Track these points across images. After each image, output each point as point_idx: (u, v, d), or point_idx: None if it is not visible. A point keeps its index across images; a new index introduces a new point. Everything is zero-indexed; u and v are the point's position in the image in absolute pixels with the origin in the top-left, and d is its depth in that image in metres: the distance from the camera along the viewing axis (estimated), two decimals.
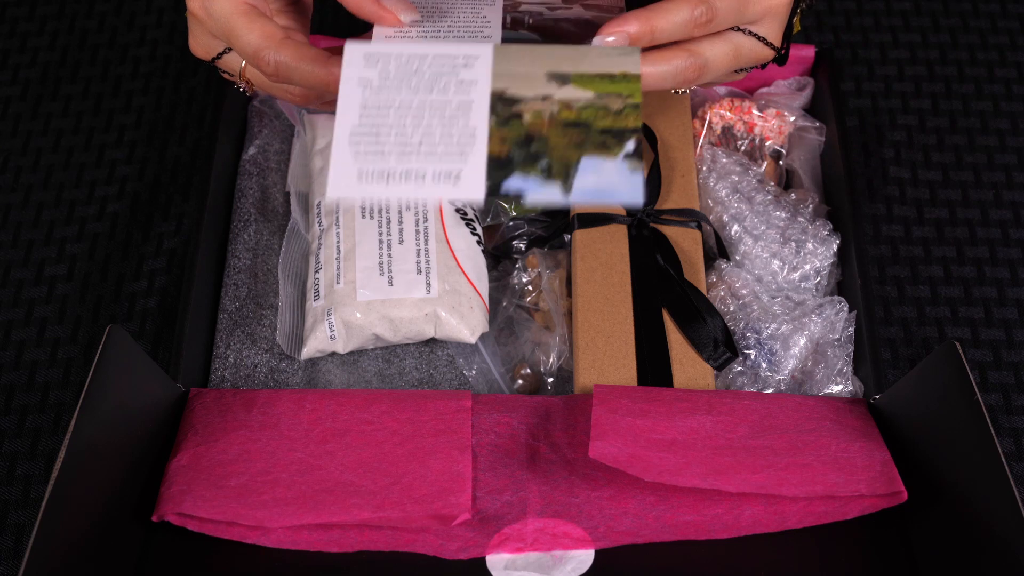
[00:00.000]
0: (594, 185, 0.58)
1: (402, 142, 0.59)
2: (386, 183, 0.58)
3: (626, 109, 0.60)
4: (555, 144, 0.59)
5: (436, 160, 0.58)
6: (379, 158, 0.58)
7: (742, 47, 0.65)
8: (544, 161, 0.58)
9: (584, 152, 0.59)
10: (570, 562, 0.64)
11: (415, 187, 0.58)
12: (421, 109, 0.59)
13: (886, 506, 0.65)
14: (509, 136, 0.59)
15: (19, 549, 0.71)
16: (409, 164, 0.58)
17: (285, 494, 0.65)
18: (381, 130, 0.59)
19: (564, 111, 0.59)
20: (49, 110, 0.90)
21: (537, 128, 0.59)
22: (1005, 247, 0.83)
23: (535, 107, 0.59)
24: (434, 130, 0.59)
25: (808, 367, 0.74)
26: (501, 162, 0.58)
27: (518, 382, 0.74)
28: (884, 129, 0.89)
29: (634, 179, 0.58)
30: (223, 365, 0.74)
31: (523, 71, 0.60)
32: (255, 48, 0.62)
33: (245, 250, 0.79)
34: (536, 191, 0.58)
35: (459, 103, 0.59)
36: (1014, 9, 0.95)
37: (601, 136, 0.59)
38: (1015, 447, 0.75)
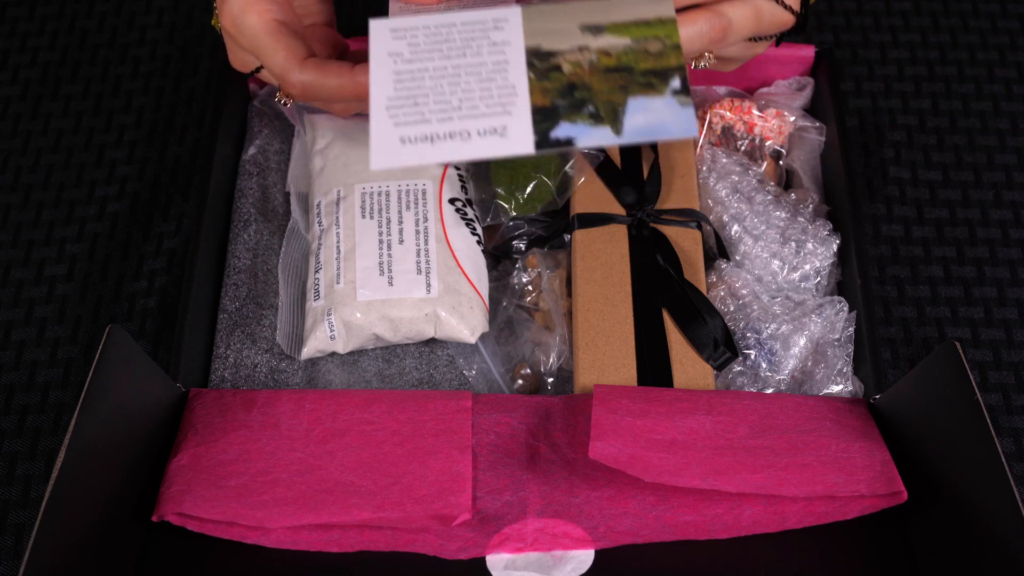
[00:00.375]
0: (645, 123, 0.58)
1: (442, 105, 0.58)
2: (431, 145, 0.57)
3: (667, 50, 0.59)
4: (599, 89, 0.58)
5: (479, 118, 0.57)
6: (420, 123, 0.57)
7: (763, 9, 0.66)
8: (590, 106, 0.58)
9: (630, 93, 0.58)
10: (570, 562, 0.65)
11: (462, 146, 0.57)
12: (456, 73, 0.58)
13: (886, 506, 0.65)
14: (551, 87, 0.58)
15: (19, 549, 0.71)
16: (452, 125, 0.57)
17: (285, 494, 0.65)
18: (418, 97, 0.58)
19: (603, 58, 0.59)
20: (49, 110, 0.90)
21: (578, 76, 0.58)
22: (1005, 247, 0.83)
23: (573, 57, 0.59)
24: (473, 90, 0.58)
25: (808, 367, 0.74)
26: (546, 112, 0.58)
27: (518, 382, 0.74)
28: (884, 129, 0.89)
29: (686, 113, 0.57)
30: (223, 365, 0.74)
31: (555, 27, 0.59)
32: (280, 69, 0.63)
33: (245, 250, 0.79)
34: (586, 135, 0.57)
35: (495, 63, 0.59)
36: (1014, 9, 0.95)
37: (645, 77, 0.58)
38: (1015, 447, 0.75)
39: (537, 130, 0.57)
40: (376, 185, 0.77)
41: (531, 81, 0.58)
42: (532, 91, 0.58)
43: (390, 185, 0.77)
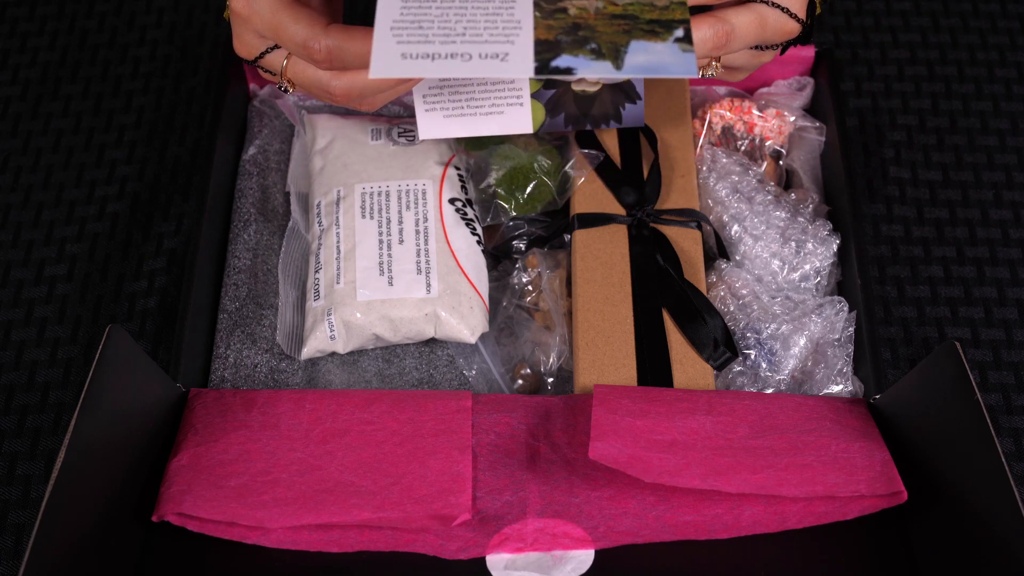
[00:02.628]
0: (645, 61, 0.58)
1: (446, 30, 0.58)
2: (431, 61, 0.57)
3: (672, 5, 0.60)
4: (602, 31, 0.59)
5: (482, 44, 0.58)
6: (423, 43, 0.58)
7: (767, 17, 0.66)
8: (592, 43, 0.58)
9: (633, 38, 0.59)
10: (570, 562, 0.65)
11: (461, 65, 0.58)
12: (463, 5, 0.59)
13: (886, 506, 0.65)
14: (555, 25, 0.59)
15: (19, 549, 0.71)
16: (454, 47, 0.58)
17: (285, 494, 0.65)
18: (423, 21, 0.58)
19: (610, 6, 0.59)
20: (49, 110, 0.90)
21: (583, 19, 0.59)
22: (1005, 247, 0.83)
23: (580, 3, 0.59)
24: (478, 21, 0.59)
25: (808, 367, 0.74)
26: (549, 44, 0.58)
27: (518, 382, 0.74)
28: (884, 129, 0.89)
29: (687, 57, 0.58)
30: (223, 365, 0.74)
31: None
32: (303, 37, 0.63)
33: (245, 250, 0.79)
34: (586, 67, 0.58)
35: (502, 0, 0.59)
36: (1014, 9, 0.95)
37: (649, 26, 0.59)
38: (1015, 447, 0.75)
39: (538, 58, 0.58)
40: (376, 185, 0.77)
41: (536, 19, 0.59)
42: (536, 26, 0.59)
43: (390, 185, 0.77)
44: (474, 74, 0.58)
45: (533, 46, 0.58)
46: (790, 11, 0.66)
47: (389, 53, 0.58)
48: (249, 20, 0.65)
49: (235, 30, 0.68)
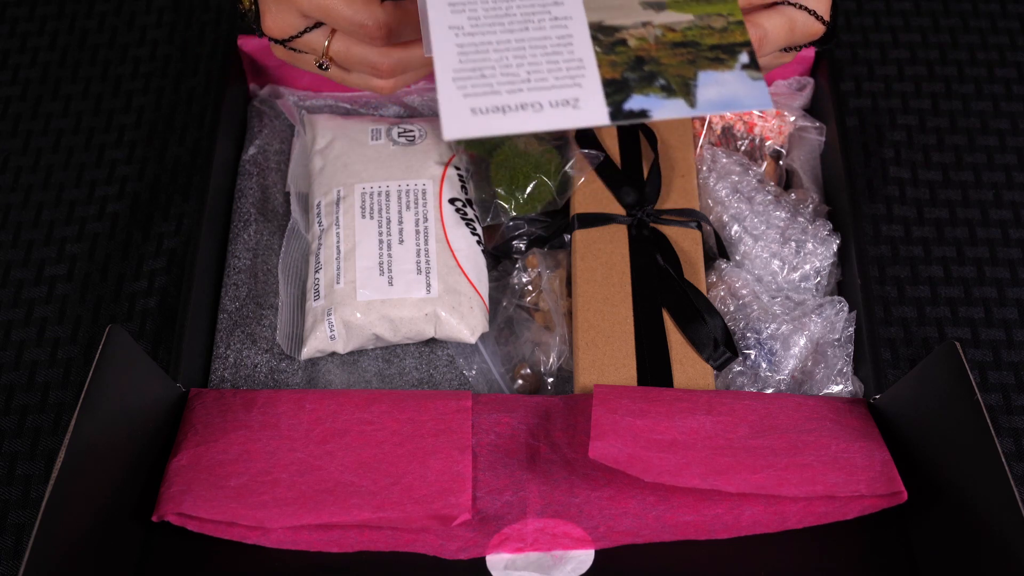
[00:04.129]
0: (717, 95, 0.57)
1: (509, 77, 0.57)
2: (503, 115, 0.56)
3: (730, 26, 0.59)
4: (667, 63, 0.58)
5: (549, 90, 0.57)
6: (490, 94, 0.56)
7: (796, 20, 0.67)
8: (661, 79, 0.57)
9: (699, 67, 0.58)
10: (570, 562, 0.65)
11: (534, 117, 0.56)
12: (521, 46, 0.58)
13: (886, 506, 0.65)
14: (619, 61, 0.58)
15: (19, 549, 0.71)
16: (523, 97, 0.56)
17: (285, 494, 0.65)
18: (484, 69, 0.57)
19: (669, 33, 0.58)
20: (49, 110, 0.90)
21: (645, 51, 0.58)
22: (1005, 247, 0.83)
23: (637, 32, 0.58)
24: (540, 63, 0.58)
25: (808, 367, 0.74)
26: (617, 84, 0.57)
27: (518, 382, 0.74)
28: (884, 129, 0.89)
29: (758, 86, 0.57)
30: (223, 365, 0.75)
31: (616, 2, 0.59)
32: (361, 16, 0.64)
33: (245, 250, 0.79)
34: (660, 107, 0.57)
35: (559, 37, 0.58)
36: (1014, 9, 0.95)
37: (712, 52, 0.58)
38: (1015, 447, 0.75)
39: (610, 102, 0.57)
40: (376, 185, 0.77)
41: (598, 55, 0.58)
42: (600, 64, 0.57)
43: (390, 185, 0.77)
44: (548, 127, 0.56)
45: (602, 88, 0.57)
46: (816, 13, 0.67)
47: (459, 110, 0.56)
48: (295, 1, 0.65)
49: (270, 8, 0.67)
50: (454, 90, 0.57)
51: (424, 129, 0.80)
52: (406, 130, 0.80)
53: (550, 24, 0.59)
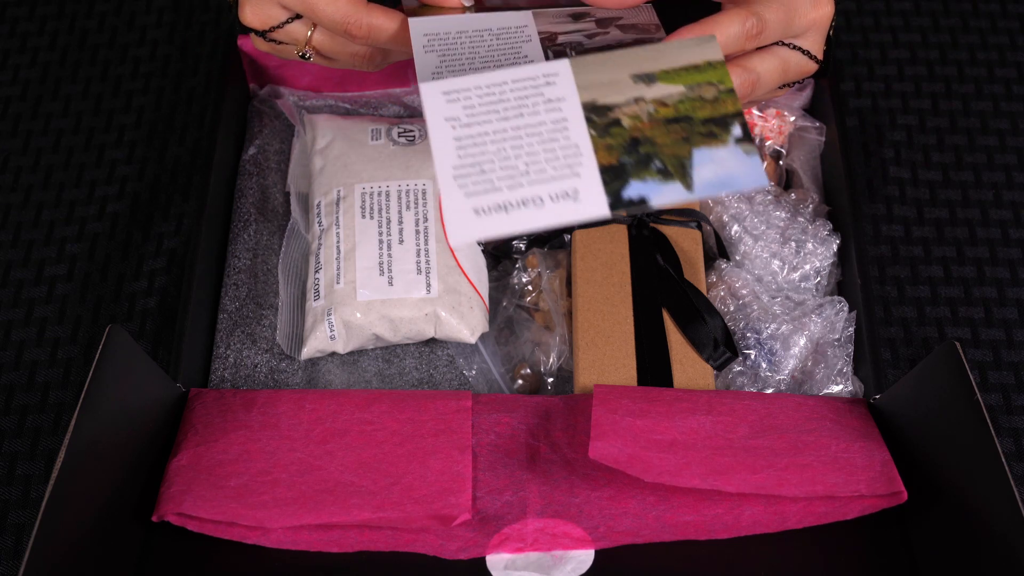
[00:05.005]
0: (714, 175, 0.58)
1: (509, 171, 0.58)
2: (506, 214, 0.57)
3: (721, 96, 0.59)
4: (662, 142, 0.58)
5: (549, 182, 0.58)
6: (491, 192, 0.57)
7: (789, 61, 0.66)
8: (657, 161, 0.58)
9: (694, 145, 0.58)
10: (570, 562, 0.65)
11: (536, 213, 0.57)
12: (517, 135, 0.59)
13: (886, 506, 0.65)
14: (614, 144, 0.58)
15: (19, 549, 0.71)
16: (523, 192, 0.57)
17: (285, 494, 0.65)
18: (484, 163, 0.58)
19: (661, 109, 0.59)
20: (49, 110, 0.90)
21: (639, 130, 0.58)
22: (1005, 247, 0.83)
23: (630, 110, 0.59)
24: (537, 152, 0.58)
25: (808, 367, 0.74)
26: (615, 170, 0.58)
27: (518, 382, 0.74)
28: (884, 129, 0.89)
29: (752, 162, 0.58)
30: (223, 365, 0.75)
31: (607, 79, 0.59)
32: (344, 14, 0.64)
33: (245, 250, 0.79)
34: (658, 193, 0.58)
35: (553, 121, 0.59)
36: (1014, 9, 0.95)
37: (705, 127, 0.59)
38: (1015, 447, 0.75)
39: (608, 191, 0.58)
40: (376, 185, 0.77)
41: (593, 139, 0.58)
42: (596, 149, 0.58)
43: (390, 185, 0.77)
44: (551, 224, 0.57)
45: (600, 176, 0.58)
46: (810, 53, 0.67)
47: (463, 213, 0.57)
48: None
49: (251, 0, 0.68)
50: (455, 189, 0.57)
51: (424, 129, 0.80)
52: (406, 130, 0.80)
53: (544, 107, 0.59)
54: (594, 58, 0.60)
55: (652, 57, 0.60)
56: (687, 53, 0.61)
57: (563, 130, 0.59)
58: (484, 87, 0.59)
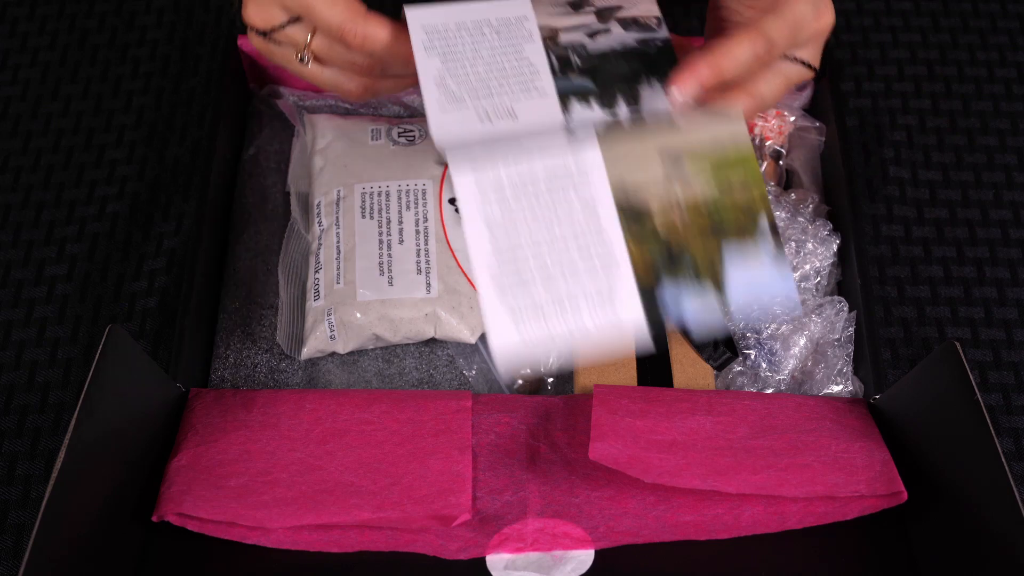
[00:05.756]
0: (750, 294, 0.59)
1: (548, 282, 0.58)
2: (544, 321, 0.58)
3: (753, 202, 0.60)
4: (697, 254, 0.59)
5: (593, 310, 0.58)
6: (537, 318, 0.58)
7: (791, 75, 0.66)
8: (691, 270, 0.59)
9: (729, 263, 0.59)
10: (570, 562, 0.65)
11: (577, 329, 0.58)
12: (552, 238, 0.59)
13: (886, 506, 0.65)
14: (649, 250, 0.59)
15: (19, 549, 0.71)
16: (568, 322, 0.58)
17: (285, 494, 0.65)
18: (522, 272, 0.58)
19: (695, 216, 0.59)
20: (49, 110, 0.90)
21: (674, 237, 0.59)
22: (1005, 247, 0.83)
23: (665, 213, 0.59)
24: (575, 262, 0.59)
25: (808, 367, 0.74)
26: (650, 294, 0.58)
27: (518, 382, 0.74)
28: (884, 129, 0.89)
29: (787, 281, 0.60)
30: (223, 365, 0.75)
31: (640, 175, 0.59)
32: (340, 21, 0.63)
33: (245, 250, 0.79)
34: (693, 308, 0.58)
35: (588, 224, 0.59)
36: (1014, 9, 0.95)
37: (739, 237, 0.59)
38: (1015, 447, 0.75)
39: (649, 317, 0.58)
40: (376, 185, 0.77)
41: (629, 246, 0.59)
42: (632, 257, 0.59)
43: (390, 185, 0.77)
44: (590, 338, 0.58)
45: (639, 297, 0.58)
46: (810, 64, 0.67)
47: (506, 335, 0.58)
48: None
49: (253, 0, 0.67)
50: (496, 303, 0.58)
51: (424, 129, 0.80)
52: (406, 130, 0.80)
53: (579, 209, 0.59)
54: (625, 148, 0.60)
55: (680, 132, 0.60)
56: (713, 127, 0.61)
57: (598, 232, 0.59)
58: (516, 177, 0.59)
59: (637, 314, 0.58)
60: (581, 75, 0.65)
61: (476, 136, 0.62)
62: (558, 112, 0.64)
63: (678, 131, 0.61)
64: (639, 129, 0.61)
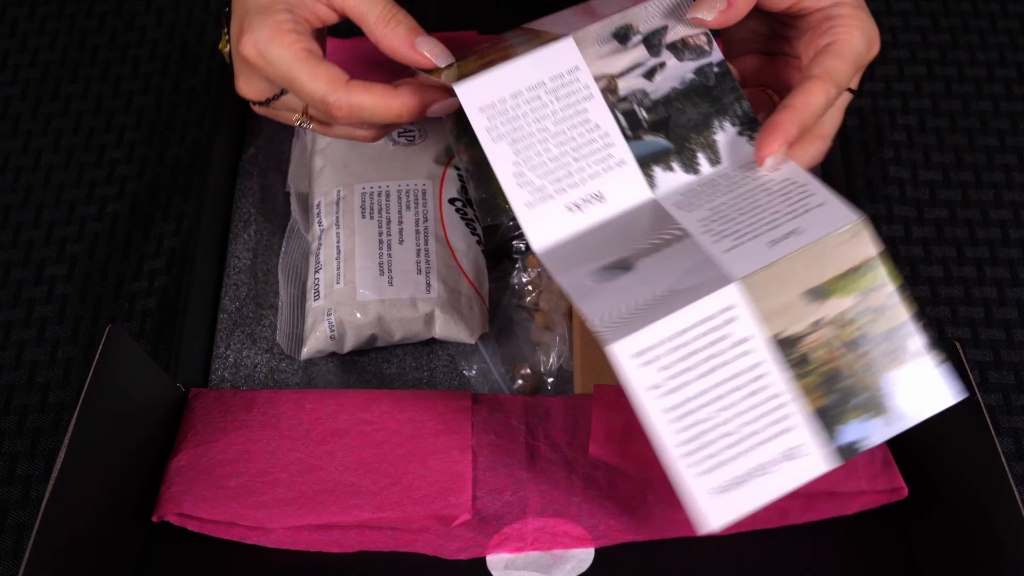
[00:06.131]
0: (915, 401, 0.58)
1: (728, 439, 0.56)
2: (743, 488, 0.56)
3: (891, 304, 0.58)
4: (855, 371, 0.58)
5: (770, 442, 0.57)
6: (720, 467, 0.56)
7: (844, 105, 0.66)
8: (857, 396, 0.57)
9: (883, 369, 0.58)
10: (570, 561, 0.65)
11: (766, 481, 0.57)
12: (719, 393, 0.56)
13: (886, 502, 0.65)
14: (813, 383, 0.57)
15: (19, 549, 0.71)
16: (749, 460, 0.56)
17: (285, 494, 0.65)
18: (701, 435, 0.56)
19: (842, 332, 0.58)
20: (49, 110, 0.90)
21: (831, 361, 0.57)
22: (1005, 247, 0.83)
23: (816, 339, 0.57)
24: (745, 412, 0.57)
25: None
26: (823, 414, 0.57)
27: (518, 382, 0.74)
28: (884, 129, 0.89)
29: (939, 376, 0.59)
30: (223, 365, 0.75)
31: (781, 302, 0.57)
32: (323, 94, 0.62)
33: (245, 250, 0.79)
34: (868, 433, 0.58)
35: (749, 370, 0.57)
36: (1014, 9, 0.95)
37: (886, 344, 0.58)
38: (1015, 447, 0.75)
39: (824, 440, 0.57)
40: (376, 185, 0.77)
41: (793, 382, 0.57)
42: (799, 393, 0.57)
43: (390, 185, 0.77)
44: (782, 489, 0.57)
45: (814, 424, 0.57)
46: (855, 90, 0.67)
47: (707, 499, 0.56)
48: (262, 69, 0.64)
49: (243, 74, 0.67)
50: (690, 475, 0.56)
51: (424, 129, 0.80)
52: (406, 130, 0.80)
53: (734, 354, 0.56)
54: (760, 277, 0.57)
55: (813, 265, 0.58)
56: (844, 252, 0.58)
57: (760, 377, 0.57)
58: (669, 339, 0.56)
59: (815, 440, 0.57)
60: (653, 132, 0.63)
61: (576, 241, 0.61)
62: (643, 184, 0.62)
63: (811, 264, 0.58)
64: (775, 269, 0.57)
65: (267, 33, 0.63)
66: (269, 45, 0.63)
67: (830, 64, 0.63)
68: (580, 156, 0.62)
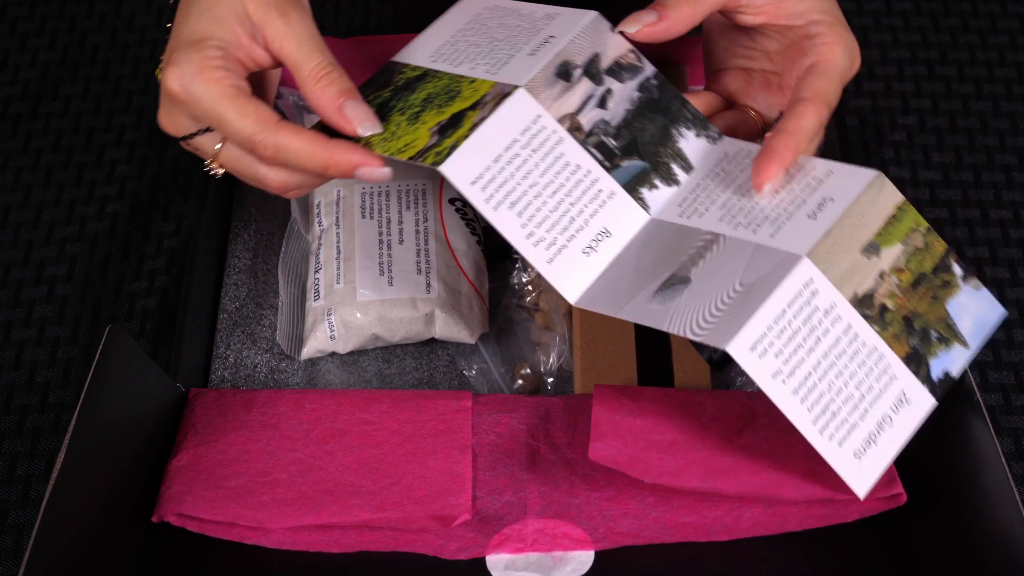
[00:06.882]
0: (972, 323, 0.63)
1: (851, 403, 0.59)
2: (876, 446, 0.60)
3: (928, 240, 0.63)
4: (925, 311, 0.62)
5: (882, 396, 0.60)
6: (854, 431, 0.60)
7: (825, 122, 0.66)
8: (933, 332, 0.62)
9: (944, 301, 0.62)
10: (570, 563, 0.65)
11: (891, 433, 0.60)
12: (830, 362, 0.59)
13: (886, 508, 0.65)
14: (896, 331, 0.61)
15: (19, 549, 0.71)
16: (871, 417, 0.60)
17: (285, 495, 0.65)
18: (829, 405, 0.59)
19: (902, 276, 0.61)
20: (49, 110, 0.90)
21: (904, 307, 0.61)
22: (1005, 247, 0.83)
23: (885, 290, 0.61)
24: (856, 372, 0.60)
25: None
26: (913, 358, 0.61)
27: (518, 382, 0.74)
28: (884, 129, 0.89)
29: (983, 295, 0.63)
30: (223, 365, 0.75)
31: (847, 266, 0.60)
32: (250, 133, 0.60)
33: (245, 250, 0.79)
34: (951, 363, 0.62)
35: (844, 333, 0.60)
36: (1014, 9, 0.95)
37: (938, 276, 0.62)
38: (1015, 447, 0.75)
39: (923, 380, 0.61)
40: (376, 185, 0.77)
41: (880, 335, 0.60)
42: (890, 345, 0.60)
43: (390, 185, 0.77)
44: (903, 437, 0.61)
45: (909, 371, 0.61)
46: None
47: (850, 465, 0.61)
48: (186, 104, 0.61)
49: (166, 107, 0.63)
50: (831, 445, 0.59)
51: None
52: None
53: (829, 322, 0.59)
54: (822, 247, 0.60)
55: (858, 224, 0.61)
56: (878, 206, 0.62)
57: (856, 337, 0.60)
58: (772, 325, 0.58)
59: (914, 383, 0.61)
60: (627, 156, 0.63)
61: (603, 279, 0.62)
62: (637, 208, 0.63)
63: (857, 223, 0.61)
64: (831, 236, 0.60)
65: (193, 68, 0.60)
66: (194, 81, 0.60)
67: (819, 85, 0.64)
68: (575, 200, 0.62)
